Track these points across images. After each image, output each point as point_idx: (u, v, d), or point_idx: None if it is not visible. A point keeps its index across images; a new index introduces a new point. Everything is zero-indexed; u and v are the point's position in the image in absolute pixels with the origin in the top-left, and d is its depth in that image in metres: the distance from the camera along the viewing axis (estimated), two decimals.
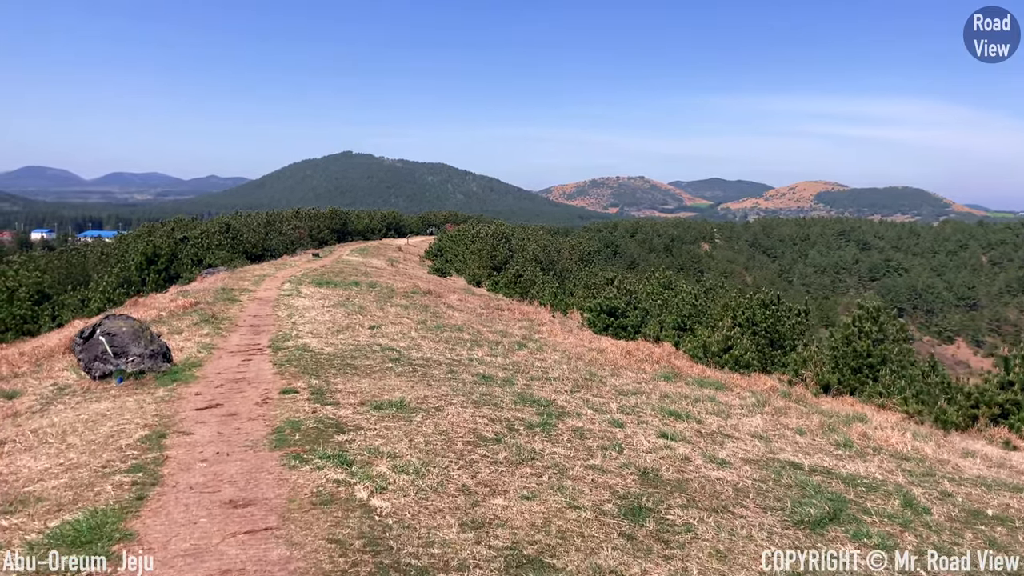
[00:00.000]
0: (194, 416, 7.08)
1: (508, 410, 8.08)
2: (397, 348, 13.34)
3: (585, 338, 22.88)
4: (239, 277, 29.54)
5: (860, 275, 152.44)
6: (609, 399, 9.83)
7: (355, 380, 9.32)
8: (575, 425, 7.60)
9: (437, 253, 65.02)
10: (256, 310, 18.68)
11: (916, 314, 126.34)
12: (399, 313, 20.75)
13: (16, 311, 26.68)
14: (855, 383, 22.54)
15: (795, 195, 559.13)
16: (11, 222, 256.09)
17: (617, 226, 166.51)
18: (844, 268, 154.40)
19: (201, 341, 12.89)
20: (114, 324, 9.85)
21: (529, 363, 13.37)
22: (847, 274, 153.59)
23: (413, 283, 31.01)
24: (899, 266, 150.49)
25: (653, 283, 41.95)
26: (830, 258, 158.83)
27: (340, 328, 15.88)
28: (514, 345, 16.36)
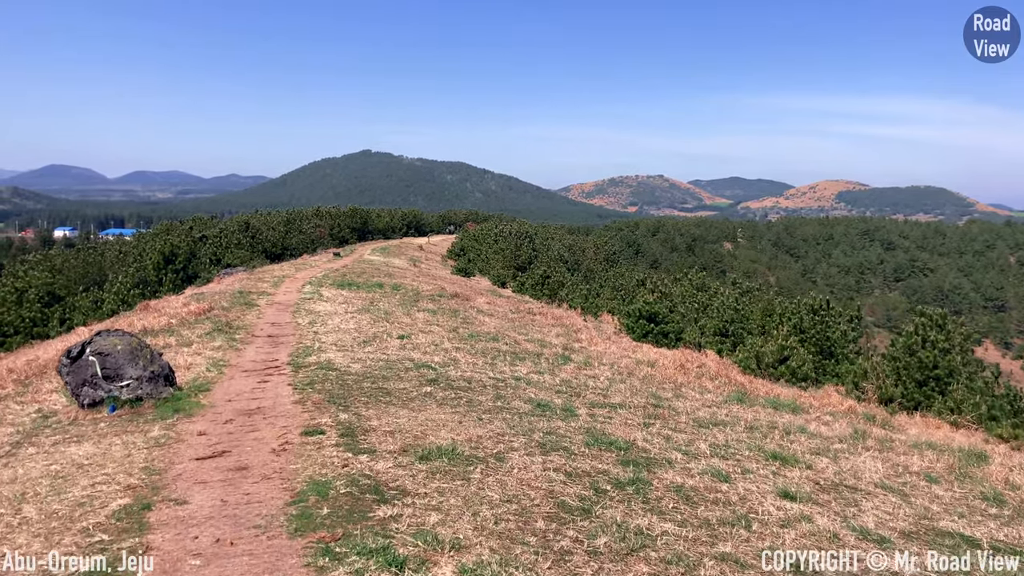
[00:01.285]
0: (193, 470, 5.54)
1: (583, 457, 6.49)
2: (432, 364, 11.78)
3: (627, 347, 21.25)
4: (258, 278, 28.17)
5: (885, 275, 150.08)
6: (692, 434, 8.21)
7: (390, 412, 7.76)
8: (673, 481, 6.00)
9: (460, 253, 63.51)
10: (275, 316, 17.21)
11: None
12: (428, 319, 19.25)
13: (25, 313, 25.48)
14: (920, 397, 20.70)
15: (816, 194, 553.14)
16: (35, 220, 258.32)
17: (639, 225, 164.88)
18: (868, 268, 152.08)
19: (212, 356, 11.40)
20: (107, 342, 8.36)
21: (581, 382, 11.76)
22: (871, 274, 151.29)
23: (439, 285, 29.50)
24: (925, 266, 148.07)
25: (686, 285, 40.14)
26: (854, 258, 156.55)
27: (367, 338, 14.37)
28: (557, 358, 14.77)
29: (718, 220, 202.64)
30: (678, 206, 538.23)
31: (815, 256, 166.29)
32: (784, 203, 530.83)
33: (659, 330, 24.14)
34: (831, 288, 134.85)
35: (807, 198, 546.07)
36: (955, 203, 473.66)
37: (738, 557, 4.48)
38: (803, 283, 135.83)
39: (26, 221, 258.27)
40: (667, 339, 24.14)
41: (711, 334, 28.54)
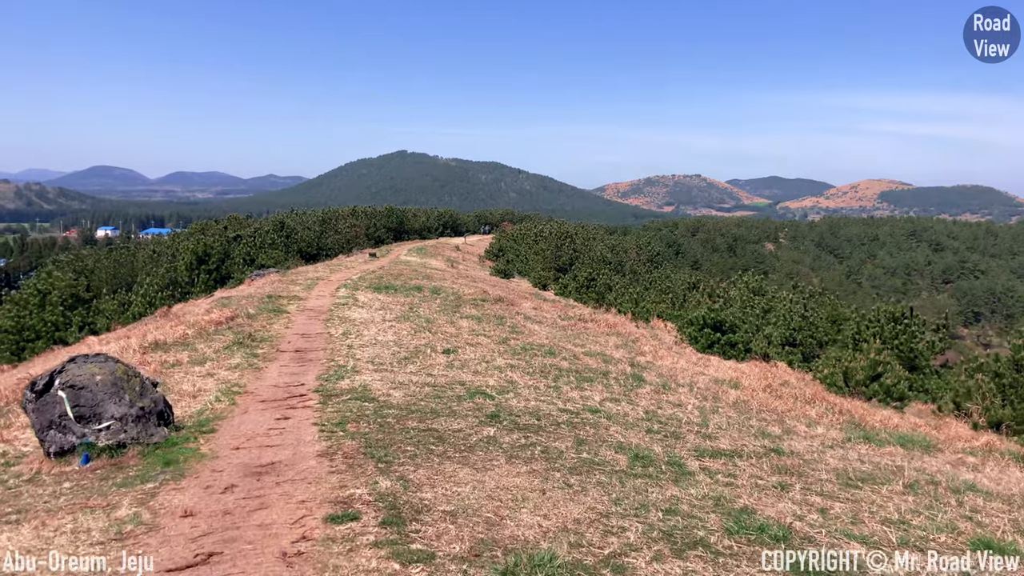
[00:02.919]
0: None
1: (734, 560, 4.41)
2: (488, 390, 9.78)
3: (695, 360, 19.05)
4: (290, 280, 26.49)
5: (933, 277, 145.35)
6: (850, 503, 6.09)
7: (447, 471, 5.76)
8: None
9: (498, 253, 61.54)
10: (305, 325, 15.38)
11: (995, 319, 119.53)
12: (473, 328, 17.29)
13: (48, 317, 24.10)
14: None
15: (857, 194, 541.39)
16: (79, 220, 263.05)
17: (677, 225, 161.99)
18: (915, 269, 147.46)
19: (226, 379, 9.54)
20: (83, 371, 6.49)
21: (668, 414, 9.66)
22: (919, 276, 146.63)
23: (480, 288, 27.51)
24: (975, 268, 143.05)
25: (741, 288, 37.61)
26: (900, 259, 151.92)
27: (408, 353, 12.44)
28: (628, 378, 12.67)
29: (759, 220, 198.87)
30: (715, 206, 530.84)
31: (859, 257, 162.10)
32: (824, 203, 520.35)
33: (726, 340, 21.88)
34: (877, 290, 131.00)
35: (848, 198, 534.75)
36: (1003, 203, 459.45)
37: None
38: (847, 285, 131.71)
39: (71, 221, 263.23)
40: (734, 350, 21.89)
41: (778, 344, 26.17)
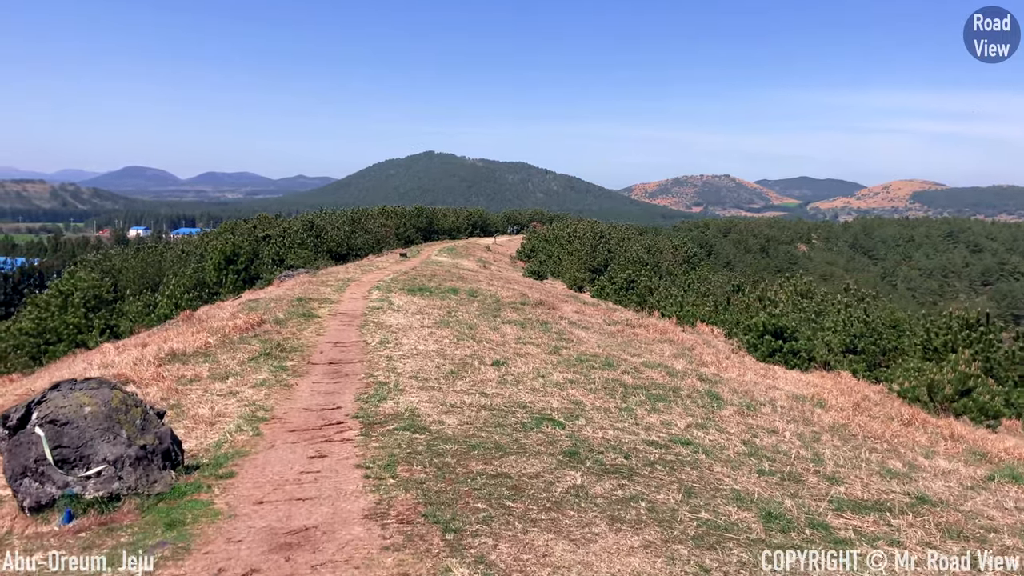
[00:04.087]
0: None
1: None
2: (553, 414, 8.33)
3: (759, 370, 17.44)
4: (320, 282, 25.25)
5: (971, 279, 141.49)
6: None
7: (536, 546, 4.33)
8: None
9: (530, 254, 60.03)
10: (338, 333, 14.04)
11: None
12: (519, 335, 15.86)
13: (70, 319, 23.10)
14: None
15: (889, 194, 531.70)
16: (112, 220, 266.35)
17: (708, 225, 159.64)
18: (953, 271, 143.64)
19: (251, 399, 8.19)
20: (69, 401, 5.15)
21: (769, 445, 8.13)
22: (956, 278, 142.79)
23: (518, 291, 26.07)
24: (1015, 270, 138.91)
25: (788, 290, 35.71)
26: (937, 260, 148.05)
27: (454, 366, 11.03)
28: (703, 396, 11.14)
29: (791, 220, 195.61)
30: (745, 206, 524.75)
31: (895, 258, 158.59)
32: (855, 203, 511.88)
33: (788, 348, 20.21)
34: (912, 292, 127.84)
35: (880, 198, 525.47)
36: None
37: None
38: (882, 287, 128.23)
39: (104, 221, 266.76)
40: (796, 358, 20.23)
41: (838, 351, 24.38)
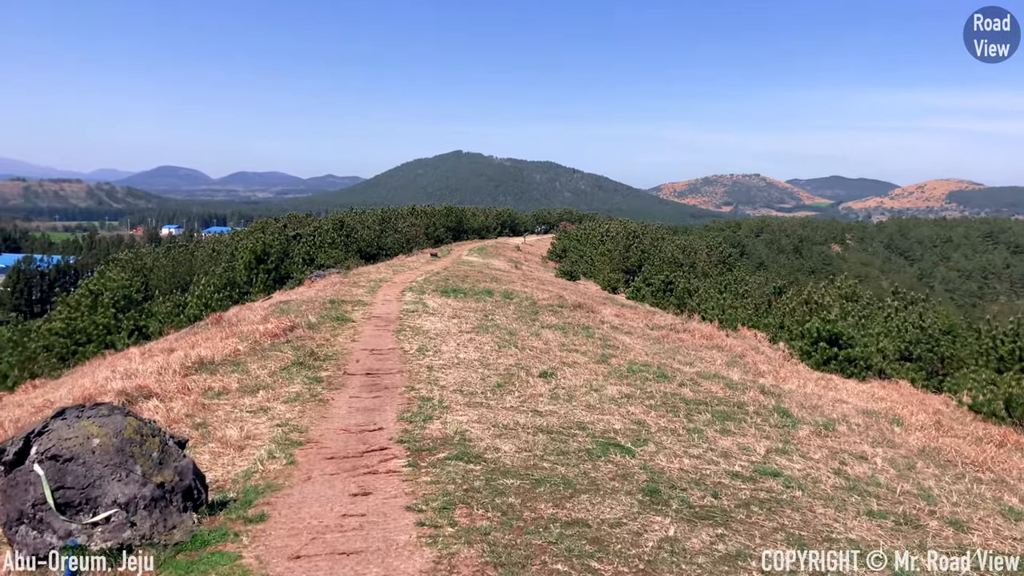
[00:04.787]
0: None
1: None
2: (617, 437, 7.45)
3: (822, 382, 16.35)
4: (352, 282, 24.59)
5: (1012, 280, 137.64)
6: None
7: None
8: None
9: (561, 254, 59.03)
10: (374, 338, 13.27)
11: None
12: (561, 342, 14.99)
13: (99, 319, 22.66)
14: None
15: (924, 194, 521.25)
16: (145, 219, 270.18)
17: (740, 225, 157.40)
18: (993, 273, 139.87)
19: (283, 418, 7.41)
20: (75, 432, 4.38)
21: (869, 480, 7.16)
22: (996, 279, 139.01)
23: (554, 292, 25.18)
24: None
25: (832, 293, 34.37)
26: (976, 262, 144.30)
27: (500, 378, 10.20)
28: (771, 413, 10.19)
29: (824, 220, 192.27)
30: (775, 206, 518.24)
31: (932, 259, 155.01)
32: (889, 203, 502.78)
33: (844, 356, 19.07)
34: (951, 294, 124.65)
35: (914, 198, 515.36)
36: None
37: None
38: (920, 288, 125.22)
39: (138, 219, 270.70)
40: (853, 367, 19.09)
41: (893, 358, 23.15)
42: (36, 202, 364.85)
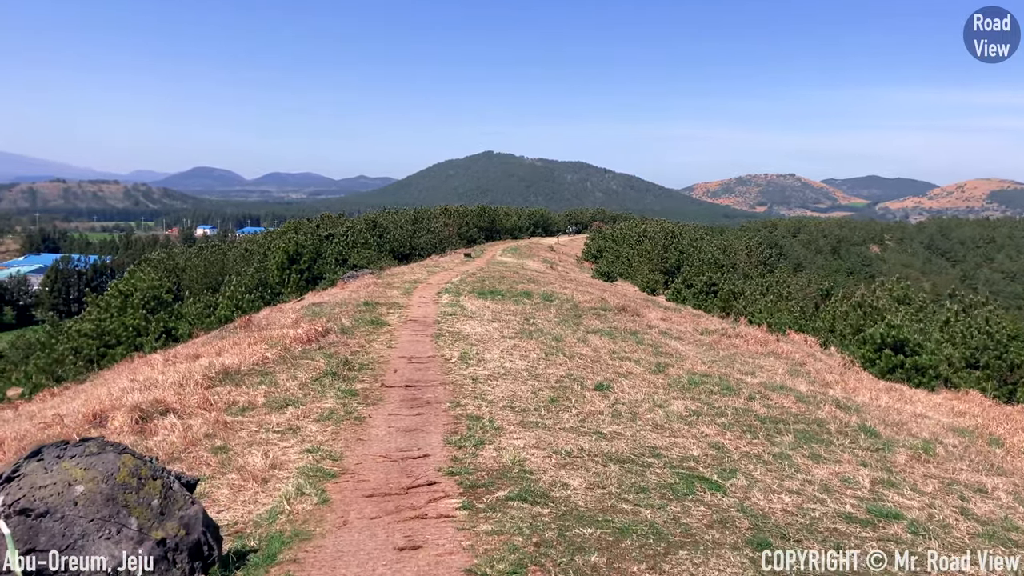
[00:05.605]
0: None
1: None
2: (700, 468, 6.40)
3: (896, 394, 15.08)
4: (386, 284, 23.75)
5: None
6: None
7: None
8: None
9: (597, 255, 57.85)
10: (411, 344, 12.34)
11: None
12: (611, 348, 13.94)
13: (129, 321, 22.11)
14: None
15: (964, 194, 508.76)
16: (180, 219, 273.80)
17: (776, 225, 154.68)
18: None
19: (314, 440, 6.48)
20: (52, 478, 3.47)
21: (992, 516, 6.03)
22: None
23: (595, 295, 24.11)
24: None
25: (883, 295, 32.72)
26: (1022, 263, 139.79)
27: (553, 392, 9.19)
28: (857, 432, 9.04)
29: (862, 221, 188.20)
30: (811, 206, 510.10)
31: (974, 260, 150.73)
32: (927, 203, 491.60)
33: (911, 364, 17.76)
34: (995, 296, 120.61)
35: (954, 198, 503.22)
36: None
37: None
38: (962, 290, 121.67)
39: (173, 220, 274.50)
40: (921, 376, 17.76)
41: (959, 366, 21.68)
42: (75, 203, 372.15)
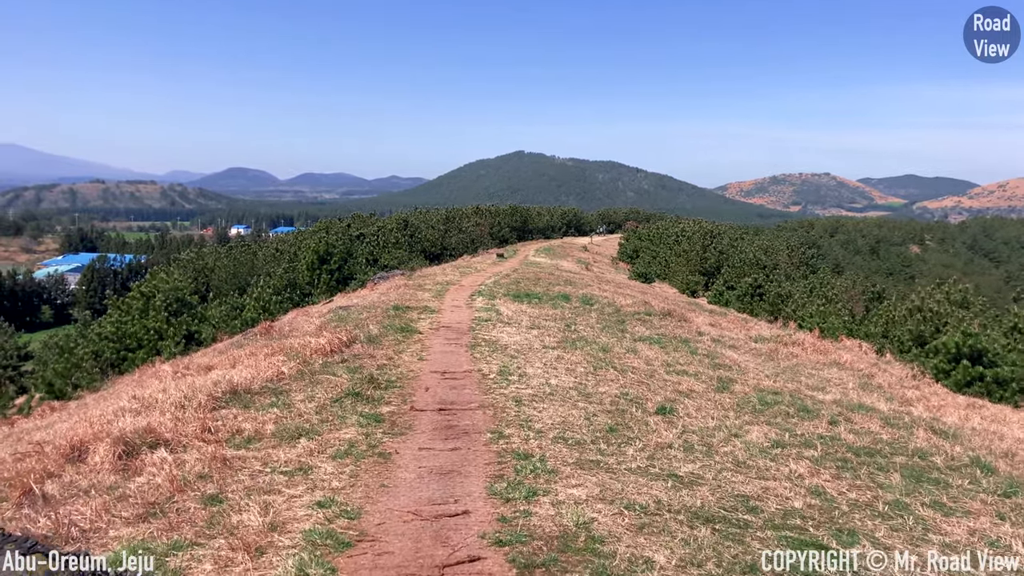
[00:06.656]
0: None
1: None
2: (803, 524, 5.11)
3: (983, 412, 13.52)
4: (417, 285, 22.58)
5: None
6: None
7: None
8: None
9: (633, 255, 56.28)
10: (444, 356, 11.13)
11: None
12: (664, 360, 12.62)
13: (150, 324, 21.25)
14: None
15: (1006, 193, 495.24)
16: (215, 219, 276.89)
17: (813, 225, 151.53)
18: None
19: (327, 494, 5.26)
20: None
21: None
22: None
23: (637, 298, 22.71)
24: None
25: (938, 298, 30.76)
26: None
27: (609, 418, 7.90)
28: (970, 468, 7.63)
29: (902, 221, 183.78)
30: (846, 206, 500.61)
31: (1020, 261, 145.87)
32: (967, 203, 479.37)
33: (991, 376, 16.14)
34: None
35: (995, 197, 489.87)
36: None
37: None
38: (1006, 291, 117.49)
39: (208, 220, 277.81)
40: (1003, 389, 16.13)
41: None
42: (113, 203, 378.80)
